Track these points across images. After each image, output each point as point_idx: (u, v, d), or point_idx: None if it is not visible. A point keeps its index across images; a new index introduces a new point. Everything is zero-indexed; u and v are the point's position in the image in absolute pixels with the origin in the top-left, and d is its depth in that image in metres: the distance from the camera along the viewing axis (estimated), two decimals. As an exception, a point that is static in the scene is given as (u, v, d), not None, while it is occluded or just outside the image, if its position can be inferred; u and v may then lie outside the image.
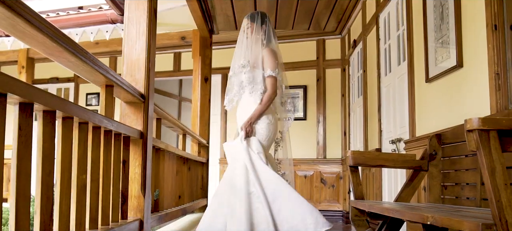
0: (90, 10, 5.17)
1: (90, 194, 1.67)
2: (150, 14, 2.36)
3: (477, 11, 2.51)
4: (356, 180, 2.38)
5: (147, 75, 2.33)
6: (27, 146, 1.20)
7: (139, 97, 2.25)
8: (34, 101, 1.22)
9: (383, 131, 4.36)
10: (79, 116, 1.53)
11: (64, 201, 1.44)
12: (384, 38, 4.40)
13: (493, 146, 1.15)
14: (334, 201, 6.24)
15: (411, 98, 3.53)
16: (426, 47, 3.21)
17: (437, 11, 3.07)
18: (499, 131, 1.17)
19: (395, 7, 4.06)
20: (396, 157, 2.58)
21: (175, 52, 7.17)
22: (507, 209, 1.14)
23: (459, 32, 2.73)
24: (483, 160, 1.16)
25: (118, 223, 1.98)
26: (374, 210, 1.99)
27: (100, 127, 1.75)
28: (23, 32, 1.20)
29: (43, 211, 1.31)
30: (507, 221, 1.14)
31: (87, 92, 7.79)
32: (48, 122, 1.34)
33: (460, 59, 2.70)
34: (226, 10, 5.07)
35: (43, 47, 1.34)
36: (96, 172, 1.73)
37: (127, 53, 2.32)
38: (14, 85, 1.11)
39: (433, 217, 1.37)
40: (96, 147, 1.73)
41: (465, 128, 1.20)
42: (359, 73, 5.51)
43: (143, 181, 2.26)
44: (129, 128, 2.12)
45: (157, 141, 2.71)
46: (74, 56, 1.47)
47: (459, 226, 1.24)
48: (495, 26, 2.30)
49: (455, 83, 2.79)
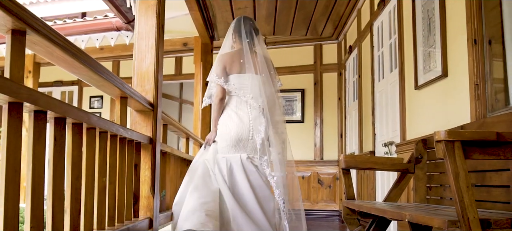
0: (96, 17, 5.38)
1: (109, 195, 1.88)
2: (158, 29, 2.56)
3: (459, 26, 2.72)
4: (348, 182, 2.58)
5: (156, 85, 2.54)
6: (61, 154, 1.41)
7: (148, 106, 2.45)
8: (67, 116, 1.43)
9: (376, 134, 4.57)
10: (100, 126, 1.73)
11: (88, 201, 1.65)
12: (378, 46, 4.61)
13: (457, 154, 1.36)
14: (331, 201, 6.45)
15: (402, 104, 3.74)
16: (415, 56, 3.42)
17: (425, 23, 3.28)
18: (462, 141, 1.37)
19: (387, 16, 4.27)
20: (385, 160, 2.79)
21: (176, 57, 7.37)
22: (469, 208, 1.35)
23: (444, 44, 2.93)
24: (449, 166, 1.37)
25: (131, 221, 2.18)
26: (363, 209, 2.20)
27: (117, 135, 1.96)
28: (58, 57, 1.41)
29: (73, 210, 1.51)
30: (469, 218, 1.35)
31: (90, 95, 8.00)
32: (76, 133, 1.54)
33: (445, 69, 2.91)
34: (226, 18, 5.28)
35: (72, 67, 1.54)
36: (113, 175, 1.94)
37: (137, 66, 2.53)
38: (52, 104, 1.31)
39: (410, 215, 1.58)
40: (113, 153, 1.93)
41: (434, 139, 1.40)
42: (354, 78, 5.72)
43: (152, 183, 2.46)
44: (140, 135, 2.33)
45: (163, 145, 2.91)
46: (96, 74, 1.67)
47: (430, 223, 1.44)
48: (475, 40, 2.51)
49: (441, 92, 3.00)
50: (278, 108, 3.21)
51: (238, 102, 3.10)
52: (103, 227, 1.81)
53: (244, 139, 3.02)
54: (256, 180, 2.99)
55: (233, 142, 3.03)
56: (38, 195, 1.27)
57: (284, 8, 5.34)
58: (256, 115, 3.07)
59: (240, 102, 3.10)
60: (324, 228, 5.53)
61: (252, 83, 3.09)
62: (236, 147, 3.03)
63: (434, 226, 1.42)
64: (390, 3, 4.16)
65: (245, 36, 3.17)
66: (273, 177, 2.99)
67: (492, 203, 1.98)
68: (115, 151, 1.95)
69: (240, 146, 3.04)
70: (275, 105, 3.17)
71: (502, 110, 2.26)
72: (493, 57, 2.47)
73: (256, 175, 3.00)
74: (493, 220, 1.39)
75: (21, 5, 1.16)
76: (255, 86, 3.09)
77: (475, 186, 2.16)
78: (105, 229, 1.84)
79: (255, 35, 3.22)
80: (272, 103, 3.14)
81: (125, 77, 7.36)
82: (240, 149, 3.04)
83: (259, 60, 3.14)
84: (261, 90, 3.09)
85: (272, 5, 5.17)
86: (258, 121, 3.05)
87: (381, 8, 4.39)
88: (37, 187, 1.27)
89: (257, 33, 3.26)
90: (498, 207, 1.92)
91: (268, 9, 5.30)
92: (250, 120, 3.05)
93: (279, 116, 3.19)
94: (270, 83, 3.15)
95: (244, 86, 3.11)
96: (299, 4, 5.26)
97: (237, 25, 3.24)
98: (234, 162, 3.00)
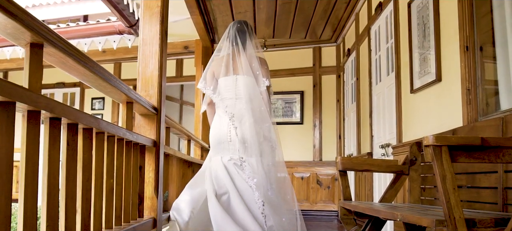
0: (98, 21, 5.47)
1: (116, 196, 1.97)
2: (162, 35, 2.66)
3: (452, 32, 2.81)
4: (345, 183, 2.67)
5: (159, 90, 2.63)
6: (73, 158, 1.51)
7: (152, 110, 2.55)
8: (78, 122, 1.52)
9: (374, 136, 4.67)
10: (108, 130, 1.83)
11: (97, 202, 1.74)
12: (375, 49, 4.71)
13: (444, 158, 1.46)
14: (330, 201, 6.55)
15: (398, 107, 3.83)
16: (411, 61, 3.51)
17: (420, 29, 3.37)
18: (449, 146, 1.47)
19: (384, 21, 4.37)
20: (380, 162, 2.88)
21: (177, 59, 7.46)
22: (455, 208, 1.44)
23: (438, 49, 3.03)
24: (436, 169, 1.46)
25: (137, 220, 2.28)
26: (358, 209, 2.29)
27: (123, 139, 2.05)
28: (70, 66, 1.50)
29: (84, 210, 1.61)
30: (455, 217, 1.44)
31: (92, 97, 8.09)
32: (86, 137, 1.64)
33: (439, 74, 3.01)
34: (227, 22, 5.37)
35: (83, 76, 1.64)
36: (120, 177, 2.03)
37: (141, 71, 2.62)
38: (67, 111, 1.41)
39: (402, 215, 1.67)
40: (120, 156, 2.03)
41: (423, 144, 1.50)
42: (353, 81, 5.82)
43: (156, 184, 2.56)
44: (145, 138, 2.42)
45: (166, 147, 3.00)
46: (104, 81, 1.77)
47: (419, 222, 1.54)
48: (466, 47, 2.61)
49: (435, 96, 3.10)
50: (262, 108, 3.17)
51: (222, 105, 3.22)
52: (110, 226, 1.90)
53: (223, 141, 3.10)
54: (240, 182, 2.97)
55: (214, 144, 3.15)
56: (53, 196, 1.37)
57: (284, 12, 5.44)
58: (234, 117, 3.14)
59: (224, 105, 3.22)
60: (323, 228, 5.62)
61: (236, 85, 3.19)
62: (218, 149, 3.13)
63: (423, 225, 1.52)
64: (387, 8, 4.25)
65: (230, 39, 3.29)
66: (253, 179, 2.97)
67: (481, 203, 2.08)
68: (122, 154, 2.05)
69: (221, 148, 3.11)
70: (258, 106, 3.17)
71: (492, 115, 2.35)
72: (484, 62, 2.57)
73: (239, 176, 2.99)
74: (478, 219, 1.48)
75: (39, 20, 1.25)
76: (234, 87, 3.19)
77: (467, 187, 2.25)
78: (113, 228, 1.93)
79: (240, 38, 3.29)
80: (255, 104, 3.16)
81: (126, 79, 7.48)
82: (221, 150, 3.11)
83: (242, 61, 3.22)
84: (241, 92, 3.17)
85: (272, 10, 5.26)
86: (237, 123, 3.11)
87: (378, 13, 4.48)
88: (53, 188, 1.37)
89: (244, 35, 3.30)
90: (487, 207, 2.02)
91: (268, 13, 5.40)
92: (229, 122, 3.12)
93: (262, 116, 3.15)
94: (253, 84, 3.19)
95: (229, 89, 3.21)
96: (298, 8, 5.36)
97: (227, 31, 3.38)
98: (216, 163, 3.08)
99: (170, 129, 3.26)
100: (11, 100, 1.12)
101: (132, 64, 7.47)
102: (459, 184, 2.35)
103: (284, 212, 3.00)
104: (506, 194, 1.89)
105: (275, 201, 3.00)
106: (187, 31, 5.40)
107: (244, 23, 3.40)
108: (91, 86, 1.85)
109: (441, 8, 3.03)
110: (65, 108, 1.39)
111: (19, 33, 1.22)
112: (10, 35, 1.24)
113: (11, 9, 1.08)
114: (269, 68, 3.34)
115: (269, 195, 2.98)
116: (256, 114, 3.13)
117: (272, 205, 2.94)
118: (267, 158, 3.11)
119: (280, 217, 2.94)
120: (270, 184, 3.03)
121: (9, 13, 1.09)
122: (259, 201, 2.91)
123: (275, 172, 3.13)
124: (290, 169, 6.62)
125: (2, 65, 7.13)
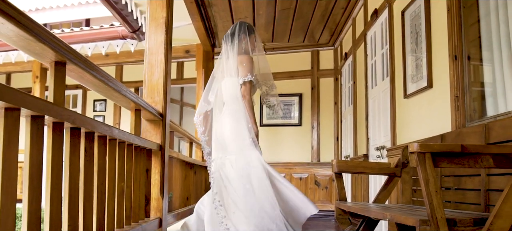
0: (102, 26, 5.61)
1: (126, 197, 2.12)
2: (167, 45, 2.81)
3: (442, 41, 2.96)
4: (340, 185, 2.82)
5: (164, 97, 2.78)
6: (90, 163, 1.65)
7: (158, 116, 2.70)
8: (95, 131, 1.67)
9: (370, 138, 4.82)
10: (120, 137, 1.97)
11: (110, 203, 1.89)
12: (371, 54, 4.86)
13: (427, 164, 1.60)
14: (327, 201, 6.70)
15: (392, 111, 3.99)
16: (405, 67, 3.66)
17: (413, 37, 3.52)
18: (432, 152, 1.62)
19: (380, 27, 4.52)
20: (374, 164, 3.03)
21: (178, 62, 7.61)
22: (437, 209, 1.59)
23: (430, 57, 3.18)
24: (420, 174, 1.61)
25: (144, 220, 2.43)
26: (352, 210, 2.44)
27: (132, 144, 2.20)
28: (87, 80, 1.65)
29: (98, 211, 1.76)
30: (437, 217, 1.59)
31: (94, 99, 8.23)
32: (101, 144, 1.78)
33: (430, 81, 3.16)
34: (227, 27, 5.51)
35: (98, 88, 1.78)
36: (130, 180, 2.18)
37: (148, 79, 2.77)
38: (85, 121, 1.56)
39: (390, 215, 1.82)
40: (130, 160, 2.18)
41: (409, 150, 1.65)
42: (350, 84, 5.97)
43: (161, 186, 2.70)
44: (151, 142, 2.57)
45: (170, 150, 3.15)
46: (117, 92, 1.92)
47: (406, 222, 1.69)
48: (455, 56, 2.76)
49: (427, 101, 3.25)
50: (233, 107, 3.28)
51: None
52: (121, 226, 2.05)
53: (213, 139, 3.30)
54: (231, 177, 3.05)
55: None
56: (74, 198, 1.51)
57: (283, 17, 5.58)
58: (215, 117, 3.33)
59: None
60: (321, 227, 5.76)
61: (219, 86, 3.38)
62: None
63: (408, 224, 1.67)
64: (382, 15, 4.40)
65: (224, 42, 3.49)
66: (212, 177, 3.10)
67: (466, 204, 2.23)
68: (131, 158, 2.19)
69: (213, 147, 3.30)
70: (233, 104, 3.28)
71: (477, 121, 2.50)
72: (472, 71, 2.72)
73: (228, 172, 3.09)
74: (458, 219, 1.63)
75: (63, 41, 1.40)
76: (218, 89, 3.38)
77: (454, 189, 2.41)
78: (123, 228, 2.08)
79: (231, 39, 3.45)
80: (230, 103, 3.29)
81: (127, 81, 7.63)
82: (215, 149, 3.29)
83: (224, 62, 3.39)
84: (221, 93, 3.36)
85: (271, 15, 5.41)
86: (215, 123, 3.31)
87: (374, 19, 4.63)
88: (73, 192, 1.51)
89: (233, 36, 3.44)
90: (472, 208, 2.17)
91: (267, 18, 5.54)
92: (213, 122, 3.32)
93: (233, 112, 3.25)
94: (232, 84, 3.32)
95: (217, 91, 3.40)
96: (297, 13, 5.50)
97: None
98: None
99: (173, 133, 3.41)
100: (41, 114, 1.26)
101: (133, 67, 7.61)
102: (447, 186, 2.51)
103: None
104: (488, 196, 2.04)
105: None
106: (189, 36, 5.54)
107: (237, 25, 3.53)
108: (104, 96, 2.00)
109: (432, 18, 3.18)
110: (84, 119, 1.54)
111: (45, 53, 1.37)
112: (37, 54, 1.38)
113: (41, 35, 1.23)
114: (249, 63, 3.35)
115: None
116: (228, 109, 3.32)
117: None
118: (234, 157, 3.18)
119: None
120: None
121: (39, 37, 1.24)
122: (216, 200, 3.01)
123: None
124: (289, 170, 6.78)
125: (5, 68, 7.27)
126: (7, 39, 1.20)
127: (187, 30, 5.33)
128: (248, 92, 3.29)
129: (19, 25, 1.11)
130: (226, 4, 4.96)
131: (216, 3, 4.93)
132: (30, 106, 1.17)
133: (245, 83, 3.29)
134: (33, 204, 1.24)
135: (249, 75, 3.29)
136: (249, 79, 3.29)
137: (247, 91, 3.28)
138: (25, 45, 1.27)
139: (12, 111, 1.14)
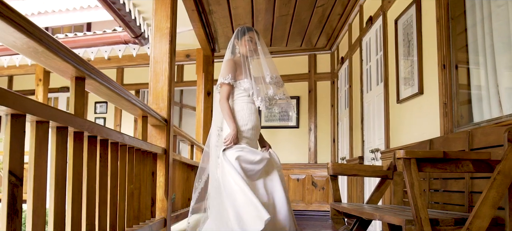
0: (105, 31, 5.75)
1: (134, 199, 2.27)
2: (171, 54, 2.96)
3: (432, 50, 3.12)
4: (335, 186, 2.98)
5: (169, 103, 2.93)
6: (105, 168, 1.80)
7: (163, 121, 2.85)
8: (109, 138, 1.82)
9: (365, 141, 4.98)
10: (130, 143, 2.13)
11: (121, 204, 2.04)
12: (366, 60, 5.02)
13: (412, 169, 1.76)
14: (324, 202, 6.87)
15: (386, 115, 4.15)
16: (398, 73, 3.83)
17: (406, 45, 3.69)
18: (417, 158, 1.78)
19: (375, 34, 4.68)
20: (367, 167, 3.19)
21: (178, 64, 7.76)
22: (421, 210, 1.75)
23: (421, 65, 3.34)
24: (406, 178, 1.77)
25: (150, 220, 2.58)
26: (346, 210, 2.60)
27: (140, 149, 2.35)
28: (103, 92, 1.80)
29: (111, 212, 1.91)
30: (421, 218, 1.75)
31: (95, 101, 8.37)
32: (113, 150, 1.94)
33: (421, 87, 3.32)
34: (227, 32, 5.68)
35: (111, 98, 1.94)
36: (138, 182, 2.33)
37: (153, 86, 2.92)
38: (101, 130, 1.71)
39: (380, 215, 1.98)
40: (138, 164, 2.33)
41: (396, 157, 1.81)
42: (346, 88, 6.13)
43: (166, 188, 2.86)
44: (157, 147, 2.72)
45: (174, 154, 3.30)
46: (127, 101, 2.07)
47: (393, 221, 1.85)
48: (444, 65, 2.93)
49: (418, 107, 3.41)
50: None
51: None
52: (130, 225, 2.20)
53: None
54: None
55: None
56: (91, 200, 1.67)
57: (281, 23, 5.74)
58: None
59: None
60: (318, 227, 5.92)
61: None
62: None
63: (395, 224, 1.83)
64: (376, 22, 4.56)
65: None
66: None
67: (452, 205, 2.39)
68: (140, 162, 2.35)
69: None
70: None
71: (463, 127, 2.67)
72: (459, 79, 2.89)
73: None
74: (440, 219, 1.79)
75: (83, 59, 1.55)
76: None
77: (442, 191, 2.57)
78: (132, 227, 2.23)
79: (232, 44, 3.39)
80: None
81: (128, 84, 7.77)
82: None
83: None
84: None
85: (269, 21, 5.57)
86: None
87: (369, 26, 4.80)
88: (90, 195, 1.67)
89: (229, 45, 3.41)
90: (457, 209, 2.33)
91: (266, 25, 5.70)
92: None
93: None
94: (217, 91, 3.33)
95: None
96: (294, 19, 5.66)
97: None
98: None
99: (176, 137, 3.56)
100: (65, 125, 1.42)
101: (134, 70, 7.75)
102: (435, 188, 2.67)
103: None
104: (472, 197, 2.20)
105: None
106: (189, 41, 5.69)
107: (238, 30, 3.47)
108: (116, 105, 2.15)
109: (423, 27, 3.34)
110: (100, 128, 1.69)
111: (67, 69, 1.52)
112: (59, 70, 1.53)
113: (67, 55, 1.38)
114: (224, 67, 3.21)
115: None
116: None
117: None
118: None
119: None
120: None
121: (64, 58, 1.39)
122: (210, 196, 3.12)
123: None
124: (287, 171, 6.94)
125: (8, 71, 7.41)
126: (36, 60, 1.35)
127: (188, 35, 5.48)
128: (223, 95, 3.12)
129: (49, 49, 1.26)
130: (226, 12, 5.12)
131: (216, 10, 5.08)
132: (58, 119, 1.32)
133: (221, 86, 3.13)
134: (58, 206, 1.39)
135: (221, 78, 3.14)
136: (221, 81, 3.12)
137: (222, 95, 3.12)
138: (50, 63, 1.42)
139: (42, 124, 1.29)
